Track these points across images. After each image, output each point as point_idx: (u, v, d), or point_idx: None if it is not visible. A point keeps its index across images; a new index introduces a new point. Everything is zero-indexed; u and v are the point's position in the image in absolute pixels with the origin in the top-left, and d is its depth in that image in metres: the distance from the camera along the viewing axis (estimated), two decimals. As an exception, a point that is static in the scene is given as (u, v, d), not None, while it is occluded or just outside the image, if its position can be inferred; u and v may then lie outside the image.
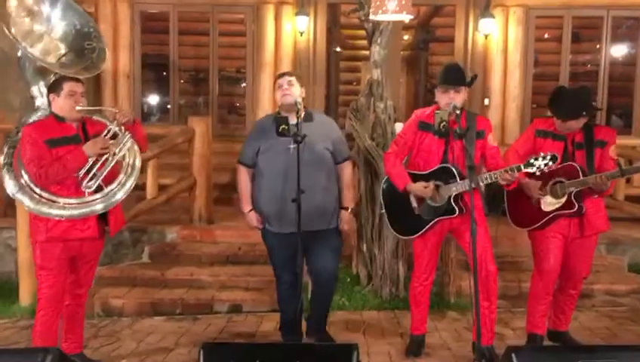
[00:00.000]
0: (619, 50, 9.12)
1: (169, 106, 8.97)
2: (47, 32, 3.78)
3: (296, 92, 3.83)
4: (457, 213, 3.73)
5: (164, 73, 9.07)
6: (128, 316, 5.02)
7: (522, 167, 3.52)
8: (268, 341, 4.39)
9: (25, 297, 5.16)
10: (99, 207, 3.52)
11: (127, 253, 5.92)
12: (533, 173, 3.57)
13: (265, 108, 7.93)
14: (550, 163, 3.45)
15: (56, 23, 3.81)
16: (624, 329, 4.68)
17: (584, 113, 3.75)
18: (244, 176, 3.97)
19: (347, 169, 4.02)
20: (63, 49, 3.82)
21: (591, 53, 9.46)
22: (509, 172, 3.54)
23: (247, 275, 5.47)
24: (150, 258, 5.89)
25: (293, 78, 3.89)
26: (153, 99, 10.50)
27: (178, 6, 8.31)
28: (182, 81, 9.82)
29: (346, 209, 3.99)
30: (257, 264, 5.52)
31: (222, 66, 9.25)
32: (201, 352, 2.21)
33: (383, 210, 4.10)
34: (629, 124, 8.45)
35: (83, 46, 3.85)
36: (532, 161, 3.49)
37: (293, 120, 3.68)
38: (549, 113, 3.92)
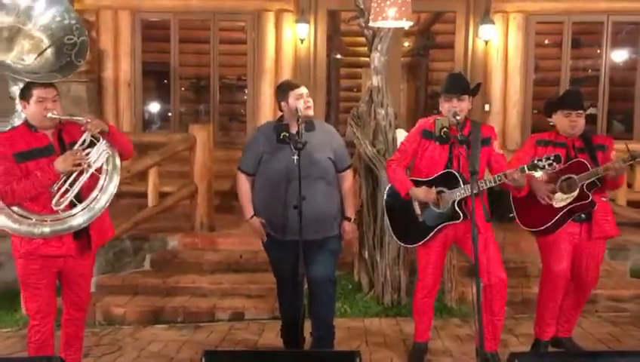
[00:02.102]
0: (619, 55, 9.13)
1: (170, 114, 8.97)
2: (23, 25, 3.54)
3: None
4: (462, 218, 3.69)
5: (165, 81, 9.10)
6: (130, 324, 5.01)
7: (526, 169, 3.48)
8: (270, 348, 4.38)
9: (27, 306, 5.14)
10: (80, 221, 3.28)
11: (128, 261, 5.91)
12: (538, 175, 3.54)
13: (266, 115, 7.95)
14: (554, 163, 3.40)
15: (37, 15, 3.56)
16: (627, 335, 4.66)
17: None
18: (244, 184, 3.90)
19: (348, 177, 4.00)
20: (45, 42, 3.57)
21: (591, 58, 9.48)
22: (517, 172, 3.49)
23: (249, 283, 5.46)
24: (152, 266, 5.88)
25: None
26: (154, 107, 10.53)
27: (179, 14, 8.33)
28: (183, 89, 9.83)
29: (349, 219, 3.97)
30: (259, 271, 5.50)
31: (223, 74, 9.26)
32: (203, 360, 2.20)
33: (387, 221, 4.06)
34: (630, 129, 8.45)
35: (63, 41, 3.60)
36: (536, 161, 3.43)
37: (294, 128, 3.69)
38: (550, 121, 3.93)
